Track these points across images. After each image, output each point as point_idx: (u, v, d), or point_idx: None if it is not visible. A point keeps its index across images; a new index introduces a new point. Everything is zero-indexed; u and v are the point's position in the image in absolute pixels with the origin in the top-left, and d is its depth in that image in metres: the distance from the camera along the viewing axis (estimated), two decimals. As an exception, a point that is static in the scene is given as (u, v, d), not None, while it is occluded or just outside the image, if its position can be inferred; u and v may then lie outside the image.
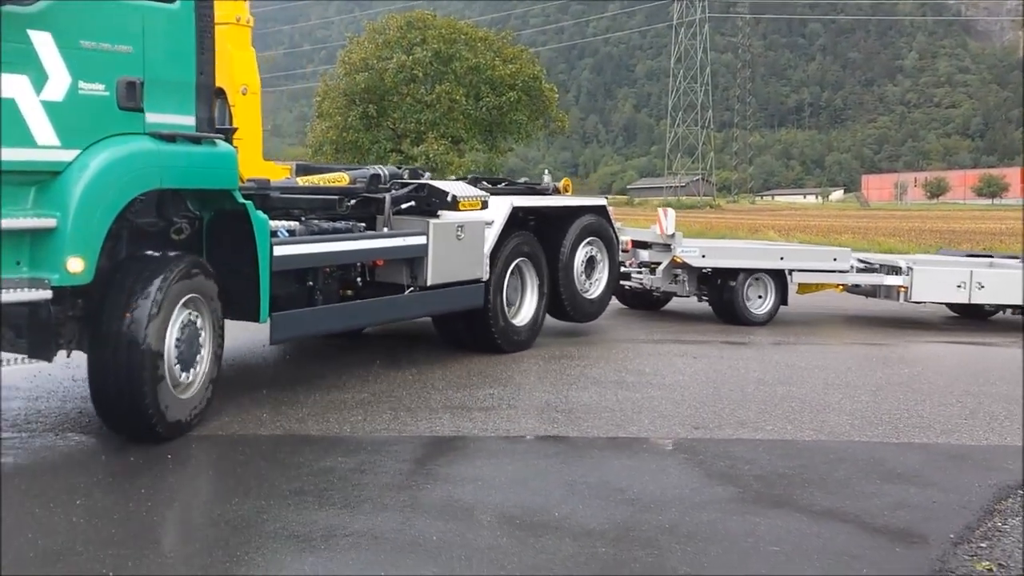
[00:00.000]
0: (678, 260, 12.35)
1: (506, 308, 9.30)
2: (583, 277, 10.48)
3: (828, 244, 30.22)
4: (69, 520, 4.56)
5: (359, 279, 8.03)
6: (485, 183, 9.98)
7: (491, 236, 8.93)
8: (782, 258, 12.85)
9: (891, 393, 8.46)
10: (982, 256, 16.23)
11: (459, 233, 8.48)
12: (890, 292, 13.27)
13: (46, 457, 5.75)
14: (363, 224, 8.06)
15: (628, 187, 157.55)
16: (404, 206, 8.37)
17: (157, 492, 5.03)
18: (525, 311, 9.71)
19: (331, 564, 4.17)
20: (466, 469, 5.75)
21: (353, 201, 8.07)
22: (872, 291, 13.65)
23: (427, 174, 9.58)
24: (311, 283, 7.31)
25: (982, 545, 4.73)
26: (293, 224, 7.19)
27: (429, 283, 8.24)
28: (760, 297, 12.65)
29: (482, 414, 7.09)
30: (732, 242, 16.47)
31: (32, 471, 5.46)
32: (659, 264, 12.64)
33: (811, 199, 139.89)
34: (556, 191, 10.83)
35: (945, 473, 6.02)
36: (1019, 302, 13.14)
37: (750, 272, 12.45)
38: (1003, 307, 13.85)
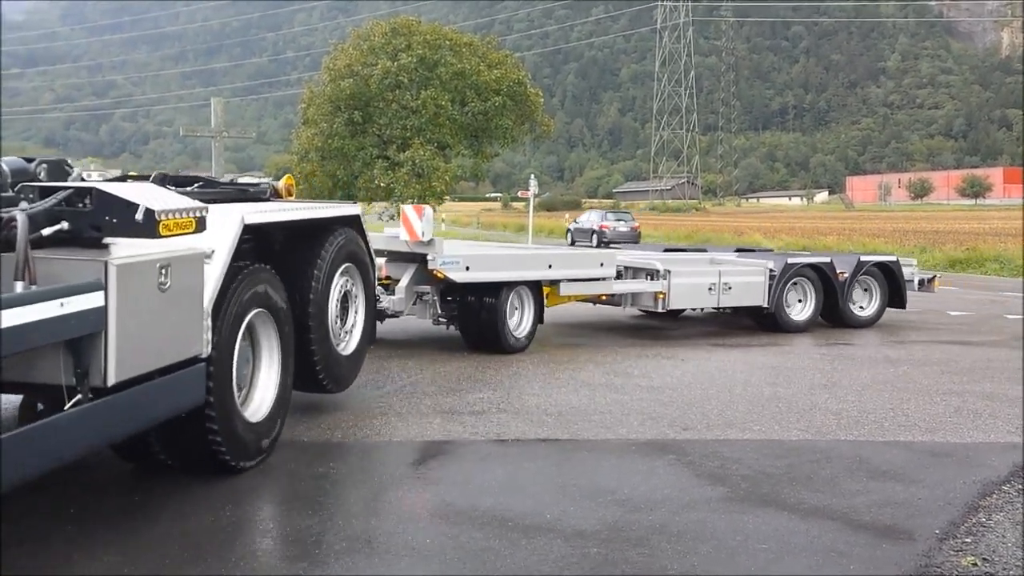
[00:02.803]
0: (439, 275, 9.54)
1: (236, 396, 5.46)
2: (338, 324, 7.14)
3: (813, 246, 30.43)
4: (64, 529, 4.59)
5: None
6: (171, 187, 5.93)
7: (213, 277, 5.11)
8: (550, 266, 10.63)
9: (876, 392, 8.55)
10: (696, 251, 15.37)
11: (163, 279, 4.59)
12: (639, 299, 11.79)
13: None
14: None
15: (614, 191, 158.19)
16: (48, 231, 4.40)
17: (149, 500, 5.05)
18: (262, 394, 5.89)
19: (325, 569, 4.21)
20: (457, 473, 5.80)
21: None
22: (618, 300, 11.90)
23: (76, 169, 5.45)
24: None
25: (967, 541, 4.81)
26: None
27: (112, 381, 4.23)
28: (517, 314, 10.32)
29: (472, 418, 7.14)
30: (490, 247, 13.50)
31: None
32: (398, 280, 9.84)
33: (796, 201, 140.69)
34: (275, 193, 7.21)
35: (930, 470, 6.10)
36: (759, 303, 12.30)
37: (513, 285, 10.11)
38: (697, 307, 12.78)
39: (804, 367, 9.86)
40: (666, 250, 14.82)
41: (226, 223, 5.46)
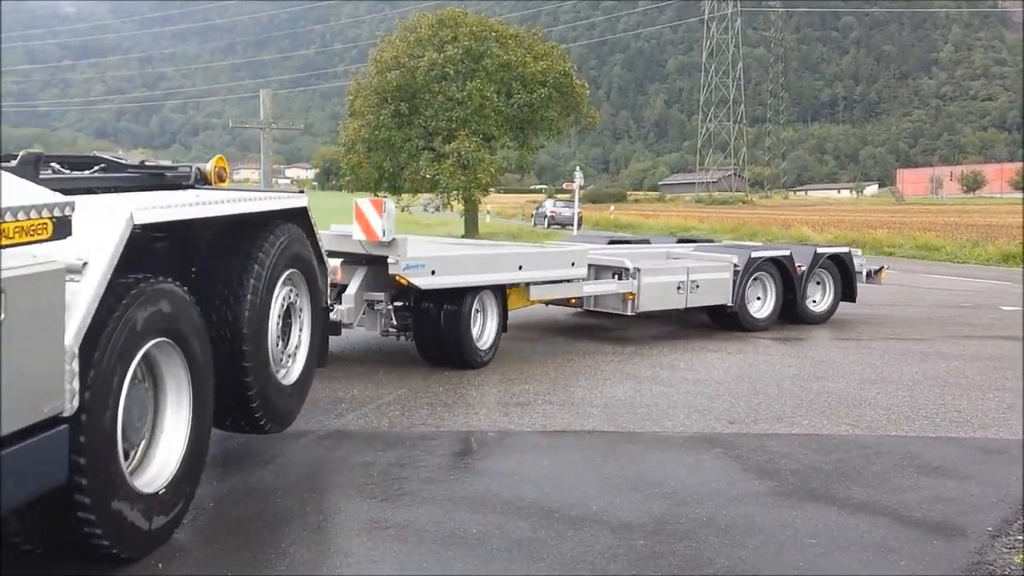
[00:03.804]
0: (402, 281, 8.02)
1: (123, 463, 3.91)
2: (279, 346, 5.76)
3: (861, 240, 30.03)
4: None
5: None
6: (57, 164, 5.10)
7: (84, 301, 3.62)
8: (521, 267, 9.22)
9: (927, 388, 8.44)
10: (640, 242, 14.24)
11: None
12: (603, 300, 10.62)
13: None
14: None
15: (660, 183, 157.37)
16: None
17: (201, 487, 5.12)
18: (166, 451, 4.38)
19: (374, 555, 4.25)
20: (504, 463, 5.82)
21: None
22: (580, 302, 10.68)
23: None
24: None
25: (1020, 538, 4.73)
26: None
27: None
28: (480, 322, 8.91)
29: (518, 409, 7.16)
30: (453, 245, 11.32)
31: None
32: (344, 287, 8.25)
33: (845, 194, 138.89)
34: (202, 178, 6.10)
35: (982, 467, 6.01)
36: (724, 301, 11.40)
37: (477, 290, 8.75)
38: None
39: (853, 361, 9.75)
40: (610, 242, 13.59)
41: (107, 223, 3.94)
